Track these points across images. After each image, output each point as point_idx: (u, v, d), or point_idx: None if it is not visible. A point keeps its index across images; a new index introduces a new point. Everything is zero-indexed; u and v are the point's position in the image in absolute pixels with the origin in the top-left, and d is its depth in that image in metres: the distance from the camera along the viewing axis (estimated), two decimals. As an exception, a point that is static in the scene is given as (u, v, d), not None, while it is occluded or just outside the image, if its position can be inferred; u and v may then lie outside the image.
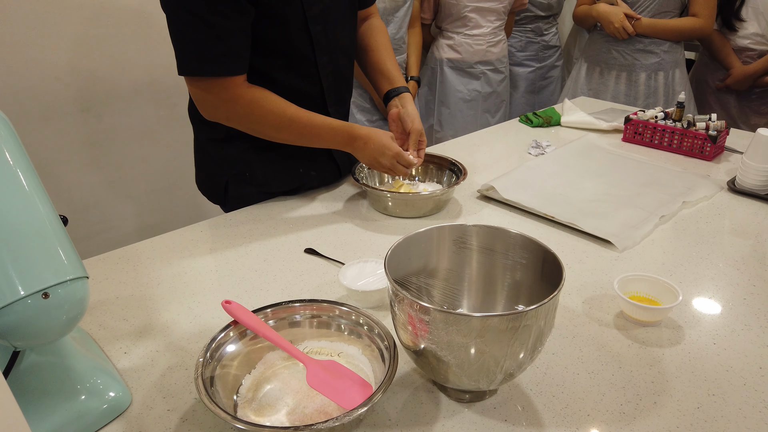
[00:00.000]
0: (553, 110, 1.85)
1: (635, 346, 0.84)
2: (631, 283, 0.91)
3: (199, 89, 1.11)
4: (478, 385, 0.68)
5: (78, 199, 1.98)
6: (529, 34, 2.69)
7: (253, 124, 1.15)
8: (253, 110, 1.13)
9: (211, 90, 1.10)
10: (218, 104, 1.11)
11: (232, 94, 1.10)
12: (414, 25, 2.27)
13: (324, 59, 1.19)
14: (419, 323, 0.65)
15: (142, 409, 0.73)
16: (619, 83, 2.27)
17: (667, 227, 1.18)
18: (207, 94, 1.11)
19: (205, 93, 1.10)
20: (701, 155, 1.53)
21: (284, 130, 1.15)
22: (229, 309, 0.76)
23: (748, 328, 0.88)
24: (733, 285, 0.99)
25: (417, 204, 1.20)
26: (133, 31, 1.91)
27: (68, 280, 0.59)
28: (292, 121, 1.14)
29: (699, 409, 0.72)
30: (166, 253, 1.09)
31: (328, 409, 0.69)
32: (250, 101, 1.11)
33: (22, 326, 0.57)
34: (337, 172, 1.36)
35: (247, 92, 1.11)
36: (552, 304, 0.65)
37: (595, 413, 0.72)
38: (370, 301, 0.91)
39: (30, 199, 0.61)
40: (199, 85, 1.10)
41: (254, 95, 1.11)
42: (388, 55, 1.33)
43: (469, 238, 0.80)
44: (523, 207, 1.23)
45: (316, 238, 1.14)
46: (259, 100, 1.12)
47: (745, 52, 2.21)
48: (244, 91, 1.11)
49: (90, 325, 0.89)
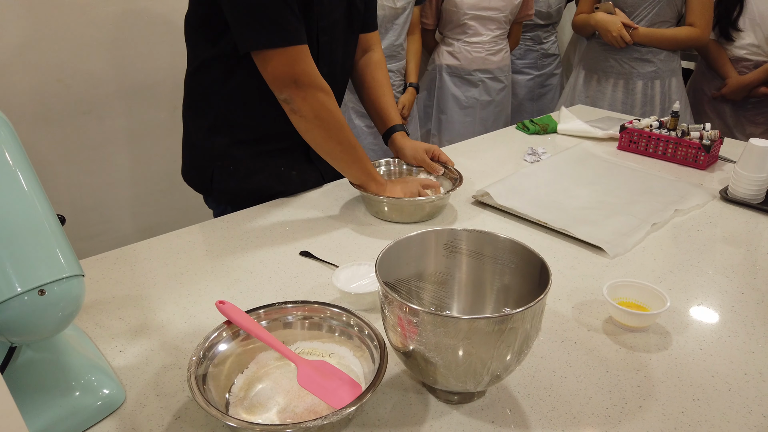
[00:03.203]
0: (550, 118, 1.87)
1: (623, 351, 0.85)
2: (620, 289, 0.92)
3: (281, 63, 1.09)
4: (465, 386, 0.69)
5: (78, 201, 1.99)
6: (528, 42, 2.71)
7: (326, 112, 1.16)
8: (331, 98, 1.16)
9: (294, 63, 1.10)
10: (301, 81, 1.11)
11: (315, 73, 1.13)
12: (413, 32, 2.29)
13: (324, 69, 1.23)
14: (408, 325, 0.66)
15: (135, 407, 0.74)
16: (616, 91, 2.28)
17: (658, 235, 1.19)
18: (290, 69, 1.10)
19: (288, 67, 1.10)
20: (695, 164, 1.54)
21: (345, 132, 1.19)
22: (223, 309, 0.77)
23: (735, 335, 0.89)
24: (722, 292, 1.00)
25: (411, 209, 1.22)
26: (134, 34, 1.93)
27: (64, 278, 0.60)
28: (350, 131, 1.20)
29: (683, 414, 0.74)
30: (162, 253, 1.10)
31: (318, 409, 0.70)
32: (328, 89, 1.15)
33: (18, 322, 0.58)
34: (318, 176, 1.39)
35: (322, 77, 1.14)
36: (538, 307, 0.66)
37: (581, 416, 0.73)
38: (363, 304, 0.92)
39: (28, 198, 0.63)
40: (282, 59, 1.09)
41: (328, 85, 1.15)
42: (385, 92, 1.41)
43: (459, 242, 0.81)
44: (517, 213, 1.24)
45: (311, 241, 1.15)
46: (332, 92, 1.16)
47: (741, 62, 2.23)
48: (319, 73, 1.14)
49: (86, 323, 0.90)
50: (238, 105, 1.24)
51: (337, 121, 1.17)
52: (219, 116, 1.26)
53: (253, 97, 1.22)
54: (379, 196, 1.21)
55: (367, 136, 2.23)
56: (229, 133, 1.26)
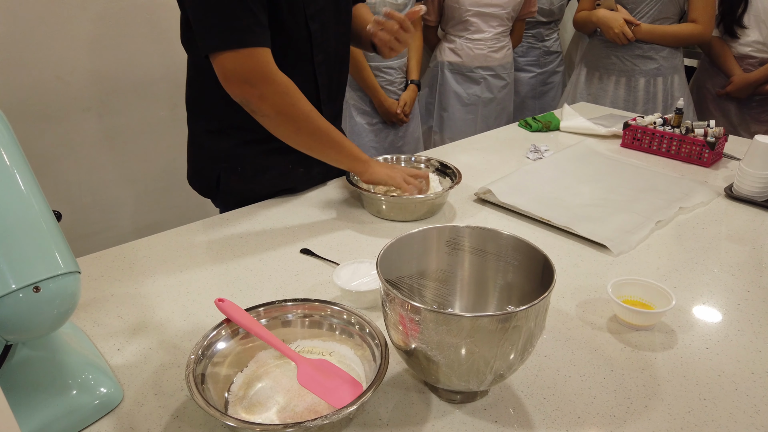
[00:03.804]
0: (553, 115, 1.85)
1: (628, 350, 0.84)
2: (624, 287, 0.91)
3: (233, 64, 1.06)
4: (468, 385, 0.68)
5: (77, 198, 1.98)
6: (530, 39, 2.70)
7: (288, 106, 1.11)
8: (290, 90, 1.11)
9: (245, 63, 1.06)
10: (253, 80, 1.07)
11: (268, 70, 1.08)
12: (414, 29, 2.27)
13: (320, 57, 1.21)
14: (410, 323, 0.65)
15: (133, 406, 0.73)
16: (618, 88, 2.27)
17: (663, 232, 1.18)
18: (241, 69, 1.06)
19: (239, 68, 1.06)
20: (699, 161, 1.53)
21: (314, 120, 1.14)
22: (222, 307, 0.76)
23: (741, 334, 0.88)
24: (728, 291, 0.99)
25: (410, 207, 1.21)
26: (134, 31, 1.92)
27: (59, 275, 0.59)
28: (319, 117, 1.15)
29: (690, 413, 0.72)
30: (162, 251, 1.09)
31: (318, 408, 0.69)
32: (286, 81, 1.10)
33: (12, 320, 0.57)
34: (324, 169, 1.36)
35: (279, 72, 1.10)
36: (542, 305, 0.65)
37: (586, 416, 0.72)
38: (364, 302, 0.91)
39: (23, 195, 0.62)
40: (233, 60, 1.05)
41: (287, 78, 1.11)
42: None
43: (461, 239, 0.80)
44: (519, 211, 1.23)
45: (312, 238, 1.14)
46: (292, 84, 1.11)
47: (746, 59, 2.21)
48: (277, 69, 1.09)
49: (84, 321, 0.89)
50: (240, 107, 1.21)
51: (301, 112, 1.12)
52: (223, 119, 1.23)
53: None
54: (376, 194, 1.20)
55: (368, 134, 2.22)
56: (235, 135, 1.24)
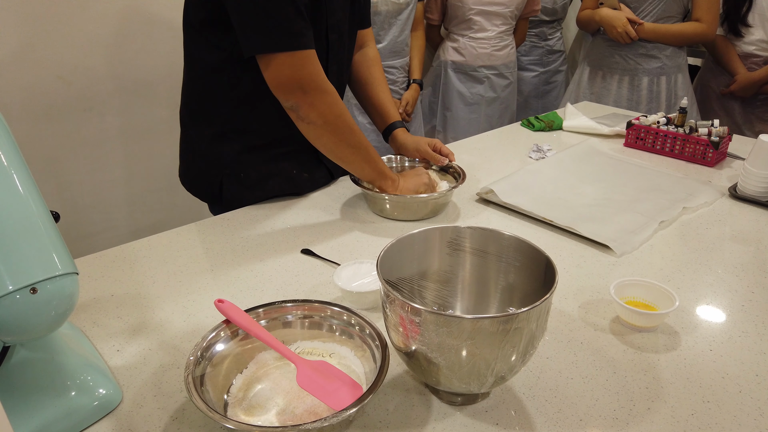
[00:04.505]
0: (555, 114, 1.84)
1: (630, 352, 0.83)
2: (627, 288, 0.90)
3: (290, 69, 1.06)
4: (469, 387, 0.68)
5: (77, 198, 1.98)
6: (534, 38, 2.69)
7: (335, 117, 1.12)
8: (338, 101, 1.13)
9: (302, 69, 1.07)
10: (307, 87, 1.08)
11: (321, 79, 1.09)
12: (417, 28, 2.27)
13: (334, 67, 1.21)
14: (410, 325, 0.65)
15: (132, 407, 0.73)
16: (621, 87, 2.26)
17: (666, 233, 1.17)
18: (298, 75, 1.07)
19: (296, 73, 1.07)
20: (703, 161, 1.52)
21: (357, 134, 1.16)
22: (222, 308, 0.76)
23: (745, 335, 0.87)
24: (732, 291, 0.98)
25: (414, 207, 1.20)
26: (135, 31, 1.92)
27: (57, 276, 0.58)
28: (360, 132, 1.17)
29: (693, 416, 0.72)
30: (162, 252, 1.09)
31: (318, 410, 0.69)
32: (335, 92, 1.12)
33: (10, 321, 0.56)
34: (328, 174, 1.37)
35: (329, 81, 1.11)
36: (544, 306, 0.64)
37: (588, 418, 0.71)
38: (365, 303, 0.90)
39: (21, 196, 0.61)
40: (290, 65, 1.06)
41: (334, 88, 1.12)
42: (382, 89, 1.39)
43: (462, 240, 0.80)
44: (522, 211, 1.22)
45: (312, 238, 1.13)
46: (338, 95, 1.14)
47: (750, 58, 2.20)
48: (326, 78, 1.11)
49: (84, 322, 0.88)
50: (248, 110, 1.20)
51: (346, 124, 1.14)
52: (227, 123, 1.21)
53: (264, 102, 1.16)
54: (382, 193, 1.20)
55: (370, 133, 2.22)
56: (239, 140, 1.22)
